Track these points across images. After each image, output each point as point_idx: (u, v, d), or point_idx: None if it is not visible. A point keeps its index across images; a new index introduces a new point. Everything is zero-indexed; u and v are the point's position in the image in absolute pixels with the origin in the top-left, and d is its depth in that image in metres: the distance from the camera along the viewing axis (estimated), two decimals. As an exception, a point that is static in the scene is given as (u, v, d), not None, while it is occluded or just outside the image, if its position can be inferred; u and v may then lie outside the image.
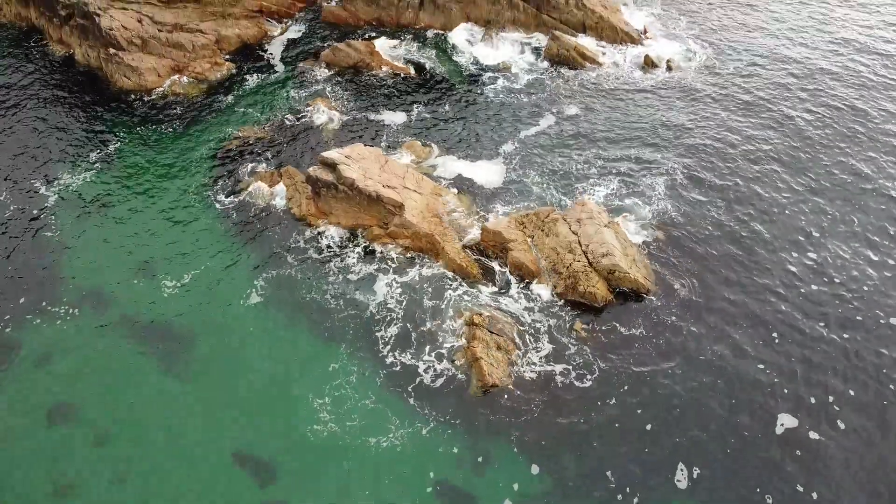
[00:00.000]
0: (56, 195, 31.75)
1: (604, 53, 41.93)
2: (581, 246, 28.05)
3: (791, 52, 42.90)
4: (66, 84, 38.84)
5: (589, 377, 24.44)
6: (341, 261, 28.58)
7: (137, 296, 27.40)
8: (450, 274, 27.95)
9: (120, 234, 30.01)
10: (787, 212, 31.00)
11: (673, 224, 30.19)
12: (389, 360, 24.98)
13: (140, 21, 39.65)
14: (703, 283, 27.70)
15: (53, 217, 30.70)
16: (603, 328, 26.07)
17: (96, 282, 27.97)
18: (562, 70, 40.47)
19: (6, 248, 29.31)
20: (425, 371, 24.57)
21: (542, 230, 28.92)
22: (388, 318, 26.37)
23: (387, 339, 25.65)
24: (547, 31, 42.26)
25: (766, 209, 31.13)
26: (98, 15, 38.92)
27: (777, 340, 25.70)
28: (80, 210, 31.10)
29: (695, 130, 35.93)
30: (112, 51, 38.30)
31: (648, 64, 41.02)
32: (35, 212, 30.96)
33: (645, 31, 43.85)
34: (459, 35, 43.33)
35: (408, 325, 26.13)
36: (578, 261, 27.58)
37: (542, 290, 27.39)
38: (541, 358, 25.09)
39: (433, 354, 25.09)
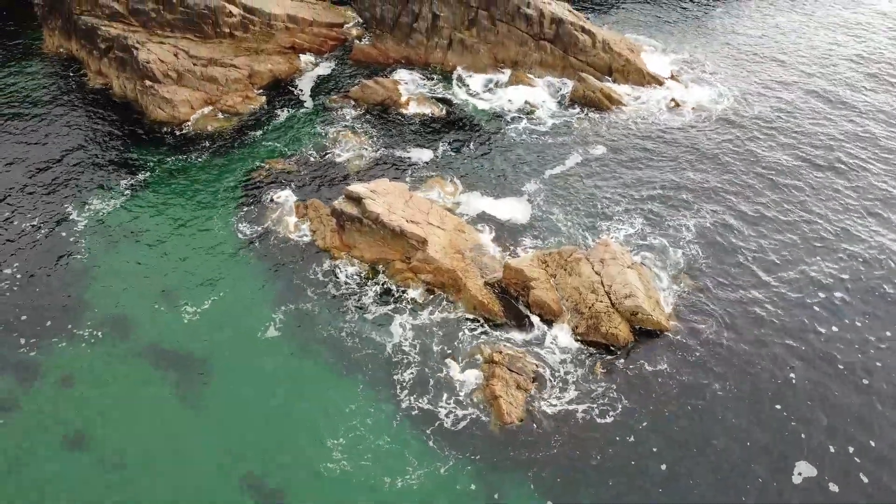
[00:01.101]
0: (86, 220, 32.36)
1: (637, 99, 42.15)
2: (604, 286, 27.87)
3: (818, 98, 42.79)
4: (102, 114, 39.85)
5: (609, 414, 24.20)
6: (359, 299, 28.60)
7: (159, 322, 27.64)
8: (469, 314, 27.87)
9: (145, 261, 30.42)
10: (816, 257, 30.62)
11: (697, 265, 29.92)
12: (406, 402, 24.80)
13: (176, 55, 40.75)
14: (726, 325, 27.34)
15: (83, 241, 31.24)
16: (624, 365, 25.85)
17: (120, 307, 28.30)
18: (588, 111, 40.73)
19: (37, 270, 29.83)
20: (445, 415, 24.33)
21: (565, 269, 28.80)
22: (406, 359, 26.23)
23: (404, 381, 25.48)
24: (574, 74, 42.65)
25: (793, 255, 30.77)
26: (136, 48, 40.08)
27: (798, 386, 25.20)
28: (108, 236, 31.63)
29: (720, 174, 35.79)
30: (148, 83, 39.33)
31: (675, 107, 41.17)
32: (65, 235, 31.54)
33: (672, 75, 44.10)
34: (487, 75, 43.88)
35: (426, 366, 25.96)
36: (601, 301, 27.37)
37: (564, 330, 27.18)
38: (560, 396, 24.84)
39: (452, 398, 24.86)
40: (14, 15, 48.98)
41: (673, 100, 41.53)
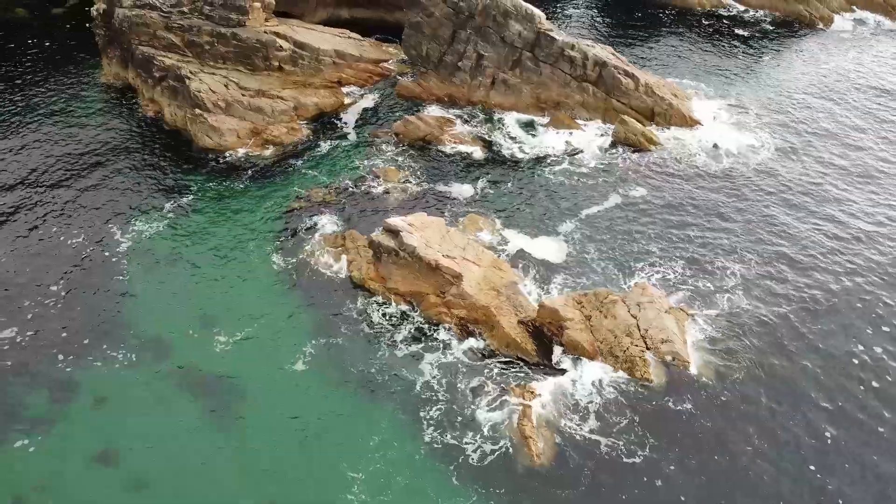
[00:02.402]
0: (129, 241, 33.08)
1: (679, 142, 41.83)
2: (640, 330, 27.39)
3: (867, 144, 42.00)
4: (152, 139, 41.03)
5: (637, 454, 23.87)
6: (391, 336, 28.53)
7: (192, 348, 27.93)
8: (501, 354, 27.63)
9: (183, 285, 30.90)
10: (859, 307, 29.72)
11: (735, 311, 29.21)
12: (431, 437, 24.57)
13: (226, 86, 41.93)
14: (761, 375, 26.69)
15: (125, 262, 31.91)
16: (655, 406, 25.44)
17: (156, 330, 28.69)
18: (628, 153, 40.53)
19: (80, 288, 30.50)
20: (473, 451, 24.05)
21: (601, 311, 28.40)
22: (434, 396, 26.04)
23: (431, 417, 25.25)
24: (615, 116, 42.61)
25: (835, 308, 29.89)
26: (189, 78, 41.38)
27: (834, 445, 24.39)
28: (149, 258, 32.27)
29: (759, 220, 35.13)
30: (198, 111, 40.45)
31: (716, 153, 40.76)
32: (108, 254, 32.27)
33: (716, 120, 43.76)
34: (528, 115, 44.11)
35: (454, 404, 25.72)
36: (636, 345, 26.88)
37: (597, 372, 26.69)
38: (590, 436, 24.42)
39: (479, 436, 24.56)
40: (75, 43, 51.05)
41: (715, 145, 41.15)
